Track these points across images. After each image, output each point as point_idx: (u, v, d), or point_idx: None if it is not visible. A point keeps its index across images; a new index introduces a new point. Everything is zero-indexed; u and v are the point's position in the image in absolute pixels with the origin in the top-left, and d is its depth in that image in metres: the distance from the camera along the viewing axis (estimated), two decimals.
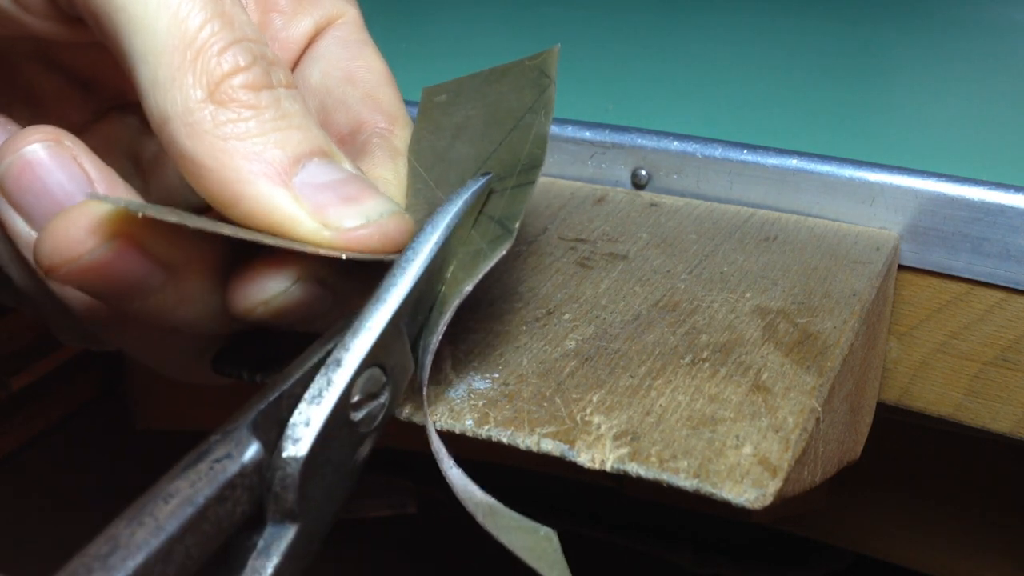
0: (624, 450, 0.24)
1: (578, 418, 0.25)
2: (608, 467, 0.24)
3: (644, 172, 0.39)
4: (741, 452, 0.24)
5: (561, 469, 0.28)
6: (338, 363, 0.22)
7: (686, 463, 0.24)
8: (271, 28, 0.31)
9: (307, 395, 0.22)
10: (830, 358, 0.28)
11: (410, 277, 0.24)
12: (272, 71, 0.24)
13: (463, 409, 0.26)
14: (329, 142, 0.25)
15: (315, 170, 0.24)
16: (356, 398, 0.22)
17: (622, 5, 0.62)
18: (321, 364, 0.22)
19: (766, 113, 0.44)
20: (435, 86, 0.34)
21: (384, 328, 0.23)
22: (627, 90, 0.47)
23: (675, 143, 0.38)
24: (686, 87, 0.48)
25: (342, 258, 0.23)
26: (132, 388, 0.62)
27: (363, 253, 0.24)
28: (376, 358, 0.23)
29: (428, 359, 0.25)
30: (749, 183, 0.37)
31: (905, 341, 0.37)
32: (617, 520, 0.67)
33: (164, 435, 0.61)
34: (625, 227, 0.36)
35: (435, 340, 0.25)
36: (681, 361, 0.28)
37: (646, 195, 0.39)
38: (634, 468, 0.24)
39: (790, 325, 0.30)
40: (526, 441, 0.25)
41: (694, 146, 0.38)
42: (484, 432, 0.25)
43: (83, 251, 0.22)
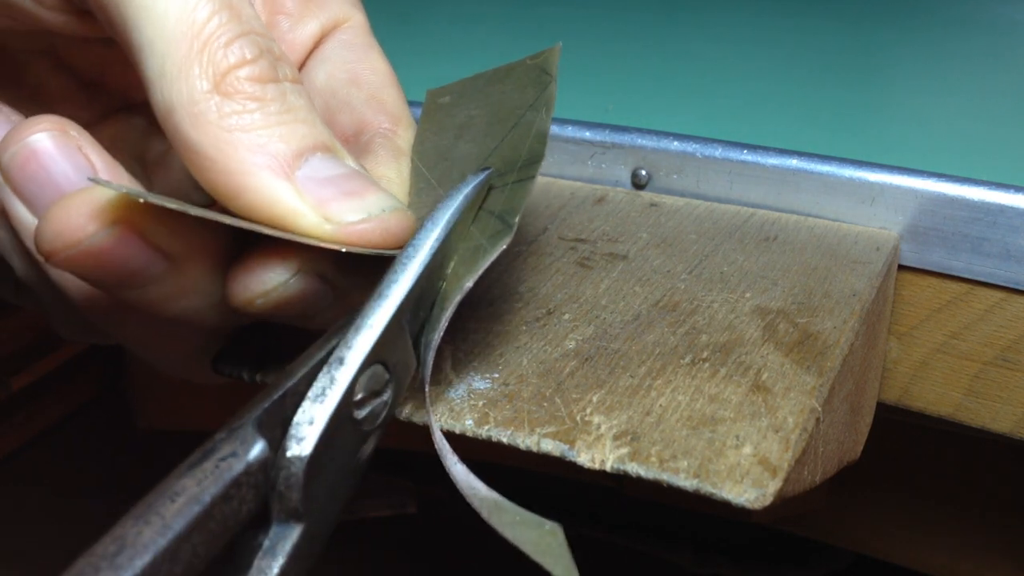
0: (624, 450, 0.24)
1: (578, 418, 0.25)
2: (608, 467, 0.24)
3: (644, 172, 0.39)
4: (741, 452, 0.24)
5: (561, 469, 0.28)
6: (341, 361, 0.22)
7: (686, 463, 0.24)
8: (278, 30, 0.31)
9: (310, 393, 0.22)
10: (830, 358, 0.28)
11: (411, 273, 0.24)
12: (278, 65, 0.24)
13: (463, 409, 0.26)
14: (333, 138, 0.25)
15: (318, 164, 0.24)
16: (359, 396, 0.22)
17: (622, 5, 0.62)
18: (324, 362, 0.22)
19: (766, 113, 0.44)
20: (439, 88, 0.34)
21: (386, 325, 0.23)
22: (627, 90, 0.47)
23: (675, 143, 0.38)
24: (686, 87, 0.48)
25: (341, 251, 0.23)
26: (132, 387, 0.62)
27: (363, 248, 0.24)
28: (379, 355, 0.23)
29: (430, 356, 0.25)
30: (749, 183, 0.37)
31: (905, 341, 0.37)
32: (617, 520, 0.67)
33: (164, 434, 0.61)
34: (625, 227, 0.36)
35: (437, 337, 0.25)
36: (681, 361, 0.28)
37: (646, 195, 0.39)
38: (634, 468, 0.24)
39: (790, 325, 0.30)
40: (526, 441, 0.25)
41: (694, 146, 0.38)
42: (484, 432, 0.25)
43: (83, 236, 0.22)
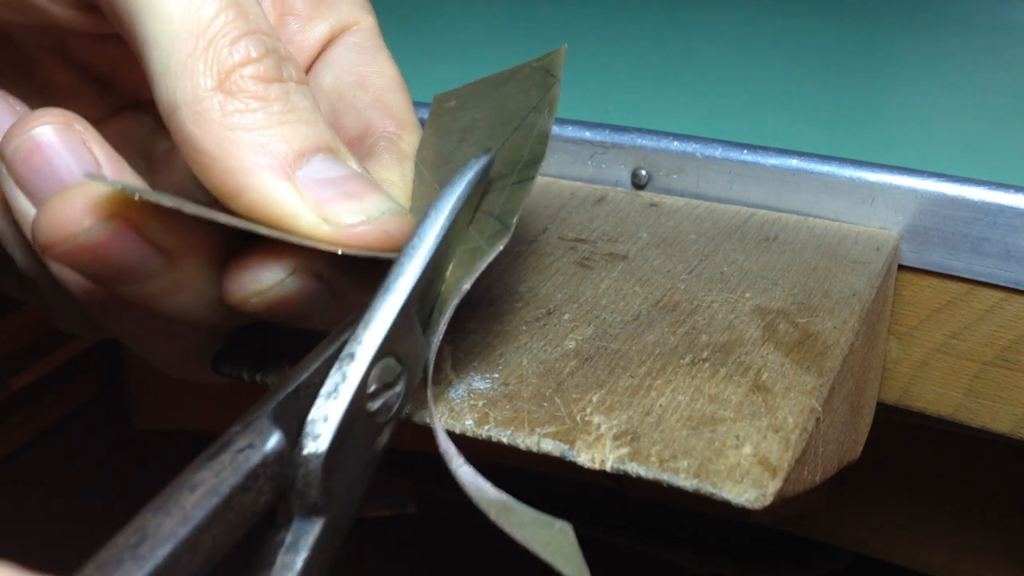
0: (624, 450, 0.24)
1: (578, 418, 0.25)
2: (608, 467, 0.24)
3: (644, 172, 0.39)
4: (741, 452, 0.24)
5: (561, 469, 0.28)
6: (352, 357, 0.22)
7: (686, 463, 0.24)
8: (287, 31, 0.31)
9: (323, 390, 0.22)
10: (830, 358, 0.28)
11: (418, 264, 0.24)
12: (284, 65, 0.24)
13: (463, 409, 0.26)
14: (336, 140, 0.25)
15: (319, 165, 0.24)
16: (372, 388, 0.22)
17: (622, 5, 0.62)
18: (336, 357, 0.22)
19: (766, 113, 0.44)
20: (445, 93, 0.34)
21: (395, 318, 0.23)
22: (627, 90, 0.47)
23: (675, 143, 0.38)
24: (686, 87, 0.48)
25: (338, 252, 0.23)
26: (131, 388, 0.62)
27: (361, 250, 0.24)
28: (389, 348, 0.23)
29: (431, 359, 0.25)
30: (749, 183, 0.37)
31: (905, 341, 0.37)
32: (617, 520, 0.67)
33: (164, 434, 0.61)
34: (625, 227, 0.36)
35: (436, 339, 0.25)
36: (681, 361, 0.28)
37: (646, 195, 0.39)
38: (634, 468, 0.24)
39: (790, 325, 0.30)
40: (526, 441, 0.25)
41: (694, 146, 0.38)
42: (484, 432, 0.25)
43: (79, 230, 0.22)
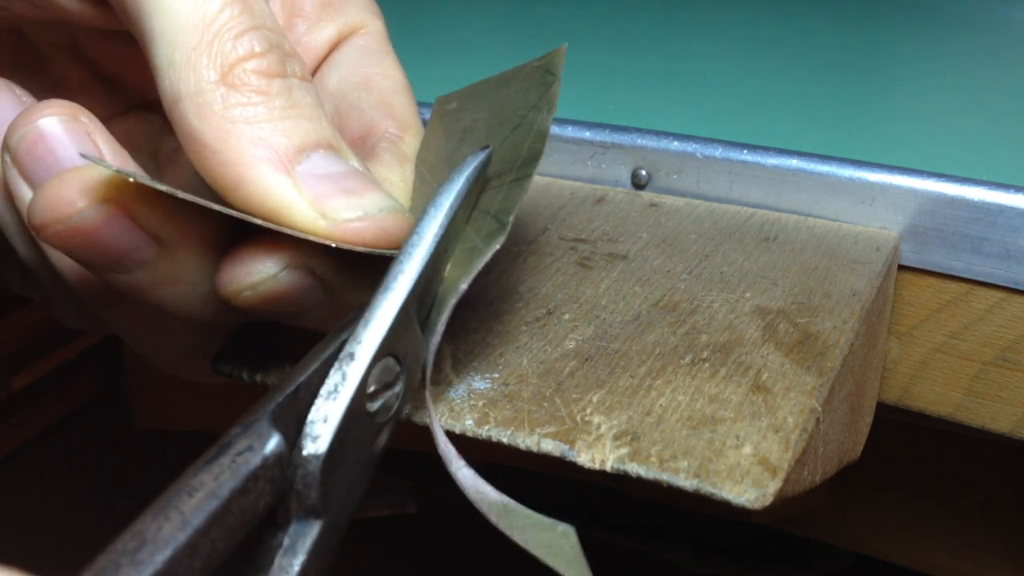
0: (624, 450, 0.24)
1: (578, 418, 0.25)
2: (608, 467, 0.24)
3: (644, 172, 0.39)
4: (741, 452, 0.24)
5: (561, 469, 0.28)
6: (351, 356, 0.22)
7: (686, 463, 0.24)
8: (294, 33, 0.31)
9: (323, 391, 0.22)
10: (830, 358, 0.28)
11: (417, 263, 0.24)
12: (288, 61, 0.24)
13: (463, 409, 0.26)
14: (338, 137, 0.25)
15: (319, 161, 0.24)
16: (371, 389, 0.22)
17: (622, 5, 0.62)
18: (335, 357, 0.22)
19: (766, 113, 0.44)
20: (447, 95, 0.34)
21: (395, 317, 0.23)
22: (627, 90, 0.47)
23: (675, 143, 0.38)
24: (686, 87, 0.48)
25: (332, 246, 0.24)
26: (131, 388, 0.62)
27: (357, 245, 0.24)
28: (389, 348, 0.23)
29: (430, 360, 0.25)
30: (749, 183, 0.37)
31: (905, 341, 0.37)
32: (617, 520, 0.67)
33: (164, 435, 0.61)
34: (625, 227, 0.36)
35: (435, 340, 0.25)
36: (681, 361, 0.28)
37: (646, 195, 0.39)
38: (634, 468, 0.24)
39: (790, 325, 0.30)
40: (526, 441, 0.25)
41: (694, 146, 0.38)
42: (484, 432, 0.25)
43: (72, 211, 0.22)
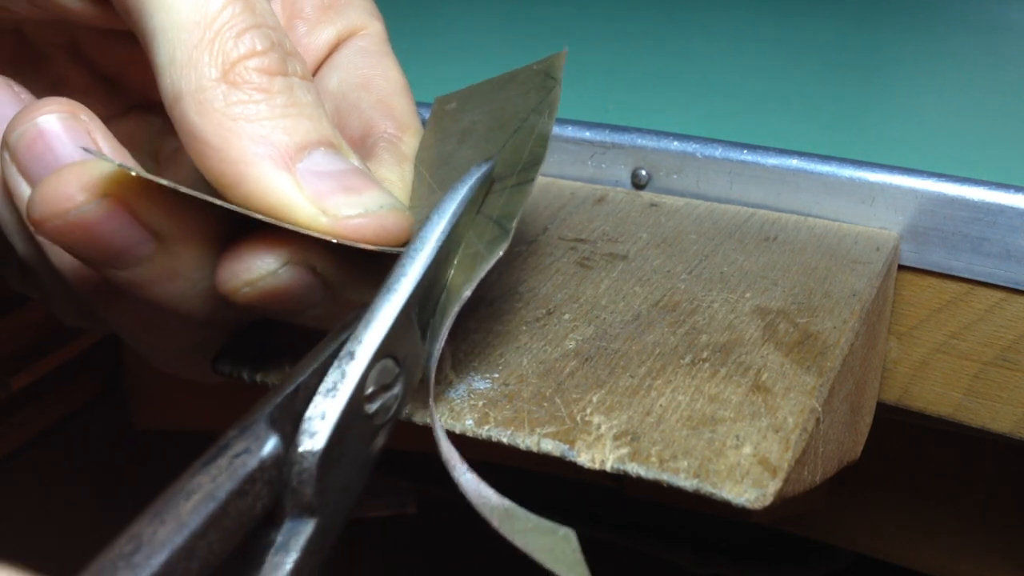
0: (624, 450, 0.24)
1: (578, 418, 0.25)
2: (608, 467, 0.24)
3: (644, 172, 0.39)
4: (741, 452, 0.24)
5: (561, 469, 0.28)
6: (351, 355, 0.22)
7: (686, 463, 0.24)
8: (295, 34, 0.31)
9: (322, 388, 0.22)
10: (830, 358, 0.28)
11: (419, 266, 0.24)
12: (289, 60, 0.24)
13: (463, 409, 0.26)
14: (338, 135, 0.25)
15: (320, 159, 0.24)
16: (370, 390, 0.22)
17: (622, 5, 0.62)
18: (335, 356, 0.22)
19: (766, 113, 0.44)
20: (446, 95, 0.34)
21: (395, 319, 0.23)
22: (627, 90, 0.47)
23: (675, 143, 0.38)
24: (686, 87, 0.48)
25: (332, 242, 0.24)
26: (131, 388, 0.62)
27: (357, 242, 0.24)
28: (389, 349, 0.23)
29: (432, 365, 0.25)
30: (749, 183, 0.37)
31: (905, 341, 0.37)
32: (617, 520, 0.67)
33: (164, 434, 0.61)
34: (625, 227, 0.36)
35: (438, 347, 0.25)
36: (681, 361, 0.28)
37: (646, 195, 0.39)
38: (634, 468, 0.24)
39: (790, 325, 0.30)
40: (526, 441, 0.25)
41: (694, 146, 0.38)
42: (484, 432, 0.25)
43: (71, 206, 0.22)
